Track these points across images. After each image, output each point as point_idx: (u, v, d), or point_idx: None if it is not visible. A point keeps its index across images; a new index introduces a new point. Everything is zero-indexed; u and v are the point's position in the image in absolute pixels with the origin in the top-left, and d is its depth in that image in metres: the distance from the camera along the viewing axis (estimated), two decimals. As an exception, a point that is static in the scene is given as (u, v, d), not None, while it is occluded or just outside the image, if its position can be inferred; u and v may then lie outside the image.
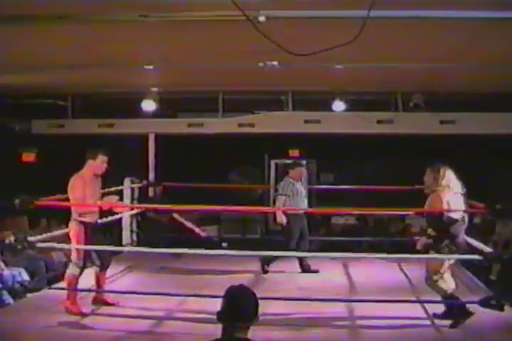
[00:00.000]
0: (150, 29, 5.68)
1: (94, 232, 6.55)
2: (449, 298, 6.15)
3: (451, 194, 6.12)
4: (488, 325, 6.05)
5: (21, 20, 5.18)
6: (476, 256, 6.27)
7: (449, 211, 6.08)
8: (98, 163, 6.50)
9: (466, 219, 6.27)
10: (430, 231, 6.20)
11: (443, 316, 6.24)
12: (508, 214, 8.00)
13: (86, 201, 6.39)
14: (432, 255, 6.17)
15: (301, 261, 8.82)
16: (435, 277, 6.12)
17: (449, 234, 6.08)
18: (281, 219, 8.64)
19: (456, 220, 6.07)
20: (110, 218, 8.89)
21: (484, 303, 5.89)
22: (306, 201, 9.07)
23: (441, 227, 6.10)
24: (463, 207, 6.20)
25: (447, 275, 6.23)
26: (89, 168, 6.52)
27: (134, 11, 5.06)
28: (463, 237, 6.16)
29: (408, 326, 6.16)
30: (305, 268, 8.79)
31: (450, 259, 6.20)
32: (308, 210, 8.84)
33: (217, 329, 3.27)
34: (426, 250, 6.30)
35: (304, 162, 9.81)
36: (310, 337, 6.01)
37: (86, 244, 6.46)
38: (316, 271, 8.77)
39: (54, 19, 5.21)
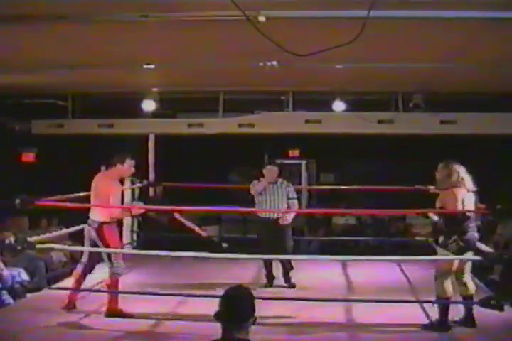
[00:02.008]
0: (150, 29, 5.68)
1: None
2: (442, 302, 6.11)
3: (464, 191, 6.11)
4: (488, 325, 6.05)
5: (21, 20, 5.17)
6: (476, 257, 6.27)
7: (455, 209, 6.08)
8: (126, 168, 6.76)
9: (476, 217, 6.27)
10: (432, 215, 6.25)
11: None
12: (509, 215, 8.00)
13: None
14: (433, 256, 6.17)
15: (284, 272, 8.10)
16: (442, 276, 6.09)
17: (458, 230, 6.06)
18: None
19: (468, 217, 6.08)
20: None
21: (484, 303, 5.90)
22: (280, 207, 7.97)
23: (452, 222, 6.10)
24: (473, 205, 6.19)
25: (467, 277, 6.22)
26: (117, 171, 6.74)
27: (134, 10, 5.06)
28: (473, 234, 6.12)
29: (408, 326, 6.17)
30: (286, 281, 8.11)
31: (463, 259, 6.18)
32: (308, 211, 8.75)
33: (217, 329, 3.27)
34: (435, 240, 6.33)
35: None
36: (309, 337, 6.01)
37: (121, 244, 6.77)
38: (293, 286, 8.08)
39: (54, 19, 5.21)
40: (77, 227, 8.25)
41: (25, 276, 7.99)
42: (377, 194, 11.29)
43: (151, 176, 11.14)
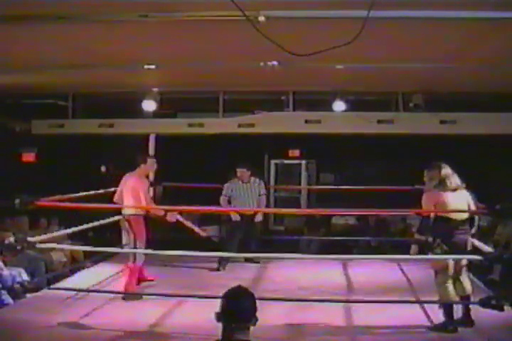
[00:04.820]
0: (150, 29, 5.68)
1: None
2: (446, 304, 6.11)
3: (446, 193, 6.09)
4: (488, 325, 6.05)
5: (21, 20, 5.18)
6: (476, 256, 6.27)
7: (444, 211, 6.06)
8: (149, 165, 7.99)
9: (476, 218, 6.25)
10: (417, 236, 6.22)
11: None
12: (508, 215, 7.99)
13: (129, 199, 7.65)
14: (432, 255, 6.16)
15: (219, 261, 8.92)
16: (443, 278, 6.08)
17: (439, 233, 6.05)
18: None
19: (446, 219, 6.04)
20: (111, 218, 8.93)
21: (484, 303, 5.90)
22: (252, 203, 9.17)
23: (430, 227, 6.09)
24: (462, 204, 6.15)
25: (464, 277, 6.21)
26: (142, 170, 7.92)
27: (133, 10, 5.06)
28: (461, 238, 6.09)
29: (408, 326, 6.17)
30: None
31: (461, 260, 6.16)
32: (308, 211, 8.95)
33: (217, 329, 3.27)
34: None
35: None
36: (309, 338, 6.01)
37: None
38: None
39: (54, 19, 5.21)
40: (77, 227, 8.27)
41: (25, 276, 7.99)
42: (377, 194, 11.29)
43: (151, 176, 11.13)
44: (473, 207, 6.22)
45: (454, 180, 6.12)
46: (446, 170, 6.14)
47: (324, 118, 10.80)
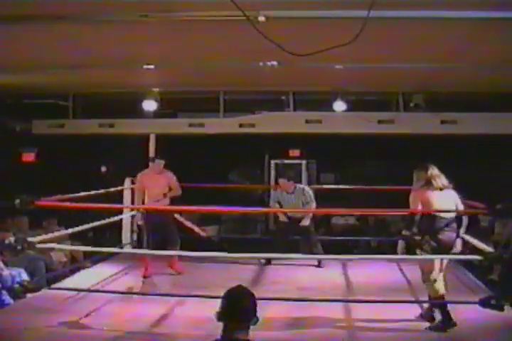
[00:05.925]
0: (150, 29, 5.69)
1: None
2: (440, 303, 6.13)
3: (430, 192, 6.15)
4: (488, 325, 6.05)
5: (21, 20, 5.18)
6: (476, 256, 6.26)
7: (439, 211, 6.11)
8: (155, 165, 8.63)
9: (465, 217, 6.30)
10: (404, 232, 6.26)
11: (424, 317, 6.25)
12: (509, 214, 7.98)
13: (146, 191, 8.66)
14: (432, 255, 6.16)
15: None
16: (431, 277, 6.10)
17: (427, 230, 6.09)
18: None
19: (433, 216, 6.09)
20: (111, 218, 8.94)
21: (484, 303, 5.89)
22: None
23: (417, 224, 6.14)
24: (448, 203, 6.21)
25: (440, 277, 6.23)
26: (150, 168, 8.68)
27: (134, 10, 5.07)
28: (448, 234, 6.14)
29: (407, 326, 6.16)
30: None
31: (443, 259, 6.20)
32: (308, 211, 9.11)
33: (217, 329, 3.27)
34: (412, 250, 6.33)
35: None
36: (310, 337, 6.01)
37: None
38: None
39: (54, 19, 5.21)
40: (77, 227, 8.25)
41: (25, 276, 7.99)
42: (377, 194, 11.28)
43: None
44: (460, 207, 6.31)
45: (441, 180, 6.25)
46: (433, 170, 6.29)
47: (325, 118, 10.81)
